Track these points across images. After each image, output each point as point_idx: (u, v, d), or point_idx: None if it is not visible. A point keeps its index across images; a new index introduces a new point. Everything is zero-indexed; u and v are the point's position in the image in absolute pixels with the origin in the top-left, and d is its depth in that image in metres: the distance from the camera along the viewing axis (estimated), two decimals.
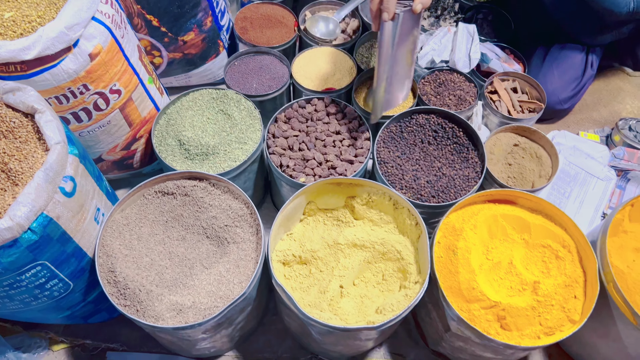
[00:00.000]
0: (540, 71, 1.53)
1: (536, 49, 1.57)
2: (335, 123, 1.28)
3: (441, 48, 1.44)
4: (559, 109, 1.54)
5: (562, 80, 1.51)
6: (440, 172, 1.22)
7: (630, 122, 1.51)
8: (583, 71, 1.53)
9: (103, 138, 1.16)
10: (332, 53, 1.45)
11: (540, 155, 1.32)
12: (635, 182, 1.40)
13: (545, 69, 1.52)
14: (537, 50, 1.56)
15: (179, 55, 1.43)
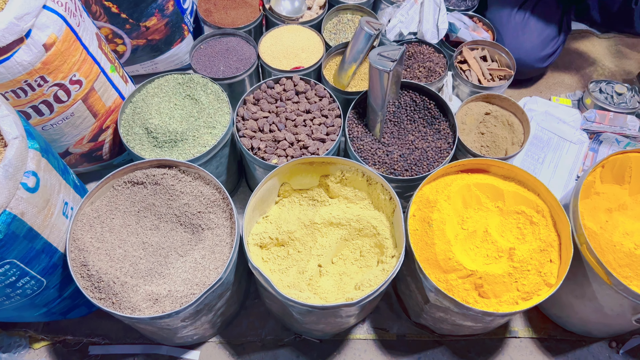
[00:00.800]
0: (518, 30, 1.51)
1: (510, 10, 1.54)
2: (305, 102, 1.26)
3: (408, 20, 1.43)
4: (538, 67, 1.53)
5: (540, 38, 1.49)
6: (413, 146, 1.22)
7: (601, 84, 1.52)
8: (559, 30, 1.52)
9: (68, 131, 1.13)
10: (299, 31, 1.43)
11: (512, 122, 1.32)
12: (607, 144, 1.41)
13: (522, 28, 1.50)
14: (512, 11, 1.54)
15: (143, 41, 1.39)
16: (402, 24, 1.43)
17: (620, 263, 1.01)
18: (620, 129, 1.42)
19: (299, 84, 1.28)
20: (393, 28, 1.43)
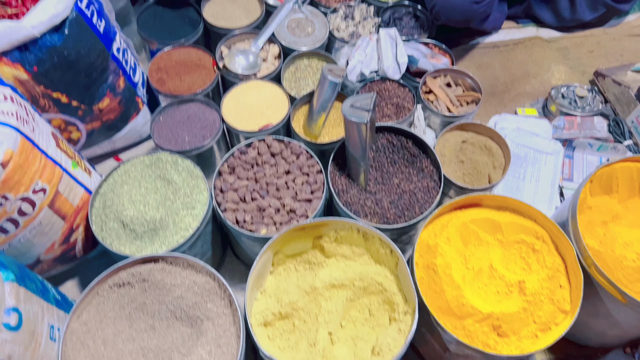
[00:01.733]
0: None
1: None
2: (283, 162, 1.21)
3: (368, 59, 1.41)
4: (475, 9, 1.47)
5: None
6: (400, 189, 1.19)
7: (562, 89, 1.54)
8: None
9: (37, 241, 1.04)
10: (259, 86, 1.39)
11: (490, 146, 1.31)
12: (581, 148, 1.43)
13: None
14: None
15: (98, 124, 1.32)
16: (361, 63, 1.41)
17: (630, 279, 1.01)
18: (590, 132, 1.44)
19: (273, 145, 1.23)
20: (354, 69, 1.41)
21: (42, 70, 1.08)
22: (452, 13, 1.45)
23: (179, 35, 1.47)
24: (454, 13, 1.45)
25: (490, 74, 1.66)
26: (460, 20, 1.48)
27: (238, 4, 1.55)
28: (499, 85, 1.63)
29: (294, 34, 1.50)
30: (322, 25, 1.52)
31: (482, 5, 1.43)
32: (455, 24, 1.53)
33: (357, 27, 1.54)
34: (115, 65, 1.27)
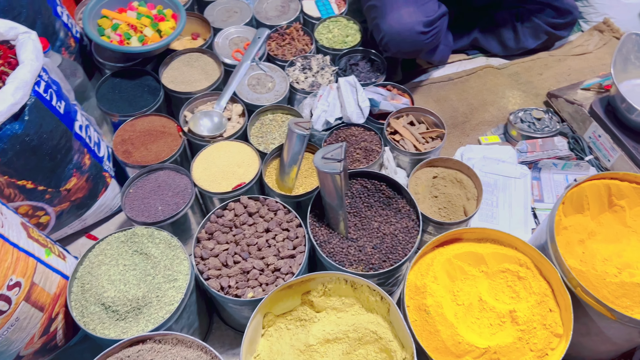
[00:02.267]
0: (392, 10, 1.50)
1: None
2: (262, 221, 1.21)
3: (331, 107, 1.43)
4: (422, 40, 1.51)
5: (416, 6, 1.49)
6: (381, 233, 1.19)
7: (519, 114, 1.60)
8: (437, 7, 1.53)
9: (16, 337, 1.00)
10: (227, 146, 1.39)
11: (460, 178, 1.34)
12: (546, 169, 1.47)
13: (397, 5, 1.50)
14: None
15: (67, 204, 1.29)
16: (325, 112, 1.43)
17: (616, 295, 1.03)
18: (552, 152, 1.48)
19: (249, 204, 1.22)
20: (318, 118, 1.43)
21: (4, 161, 1.06)
22: (400, 44, 1.50)
23: (139, 105, 1.47)
24: (403, 44, 1.50)
25: (449, 106, 1.70)
26: (409, 51, 1.53)
27: (196, 67, 1.56)
28: (459, 116, 1.68)
29: (255, 91, 1.52)
30: (281, 79, 1.55)
31: (429, 36, 1.49)
32: (404, 55, 1.58)
33: (315, 77, 1.57)
34: (79, 143, 1.25)
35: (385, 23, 1.48)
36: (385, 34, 1.49)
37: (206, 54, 1.59)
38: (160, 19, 1.53)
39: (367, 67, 1.62)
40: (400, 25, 1.46)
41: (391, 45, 1.51)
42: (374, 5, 1.55)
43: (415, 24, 1.46)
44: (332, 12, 1.74)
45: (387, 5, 1.49)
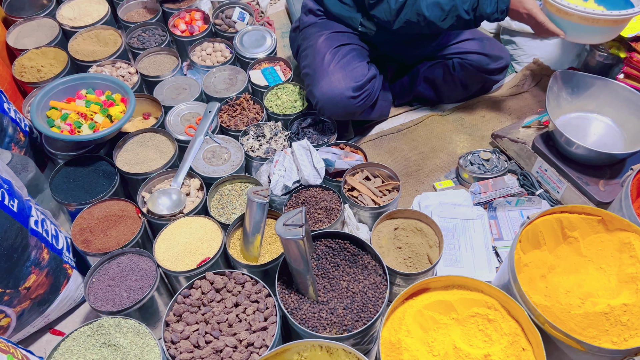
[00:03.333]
0: (328, 70, 1.55)
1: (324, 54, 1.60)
2: (229, 295, 1.20)
3: (288, 172, 1.46)
4: (353, 104, 1.55)
5: (345, 73, 1.55)
6: (350, 292, 1.20)
7: (468, 156, 1.66)
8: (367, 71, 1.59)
9: None
10: (188, 222, 1.39)
11: (420, 227, 1.37)
12: (501, 207, 1.53)
13: (333, 68, 1.56)
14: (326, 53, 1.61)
15: (27, 303, 1.25)
16: (283, 177, 1.45)
17: (582, 326, 1.06)
18: (504, 191, 1.54)
19: (215, 280, 1.22)
20: (277, 184, 1.45)
21: None
22: (333, 109, 1.56)
23: (96, 191, 1.46)
24: (335, 109, 1.56)
25: (402, 156, 1.76)
26: (342, 114, 1.60)
27: (150, 147, 1.58)
28: (412, 165, 1.73)
29: (212, 164, 1.54)
30: (236, 149, 1.57)
31: (359, 100, 1.56)
32: (339, 118, 1.65)
33: (269, 143, 1.61)
34: (36, 239, 1.23)
35: (317, 90, 1.55)
36: (318, 100, 1.55)
37: (159, 132, 1.60)
38: (109, 105, 1.55)
39: (319, 129, 1.67)
40: (331, 92, 1.53)
41: (325, 110, 1.57)
42: (307, 73, 1.62)
43: (344, 90, 1.53)
44: (279, 80, 1.80)
45: (318, 72, 1.56)
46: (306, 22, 1.72)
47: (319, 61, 1.58)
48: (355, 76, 1.54)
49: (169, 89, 1.76)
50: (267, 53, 1.88)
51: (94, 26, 1.87)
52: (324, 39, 1.62)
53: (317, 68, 1.58)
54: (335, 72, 1.54)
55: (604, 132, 1.56)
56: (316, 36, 1.65)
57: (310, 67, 1.61)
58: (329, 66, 1.55)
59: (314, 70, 1.59)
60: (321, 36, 1.63)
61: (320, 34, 1.64)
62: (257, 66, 1.86)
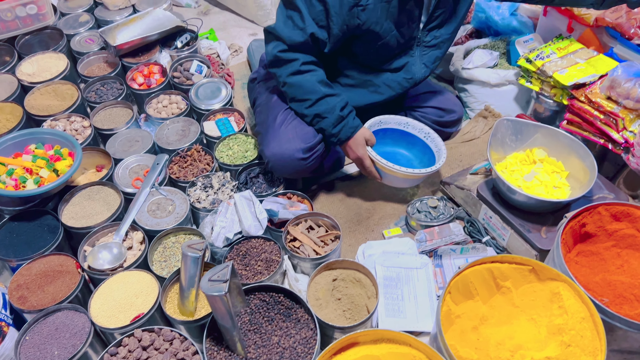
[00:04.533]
0: (279, 130, 1.57)
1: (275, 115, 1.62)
2: (156, 354, 1.18)
3: (229, 223, 1.46)
4: (303, 165, 1.56)
5: (295, 133, 1.55)
6: (281, 347, 1.19)
7: (416, 204, 1.66)
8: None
9: None
10: (126, 277, 1.38)
11: (359, 278, 1.36)
12: (446, 255, 1.52)
13: (285, 128, 1.57)
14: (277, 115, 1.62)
15: None
16: (224, 229, 1.46)
17: None
18: (449, 239, 1.54)
19: (143, 338, 1.20)
20: (218, 235, 1.45)
21: None
22: (283, 169, 1.57)
23: (39, 246, 1.46)
24: (285, 169, 1.57)
25: (353, 203, 1.77)
26: (292, 173, 1.61)
27: (97, 200, 1.58)
28: (363, 212, 1.74)
29: (155, 216, 1.54)
30: (182, 201, 1.58)
31: (309, 161, 1.57)
32: (290, 177, 1.65)
33: (217, 194, 1.62)
34: None
35: (268, 150, 1.56)
36: (269, 160, 1.56)
37: (107, 185, 1.62)
38: (56, 159, 1.57)
39: (268, 179, 1.68)
40: (281, 153, 1.54)
41: (275, 170, 1.58)
42: (259, 131, 1.65)
43: (294, 152, 1.53)
44: (232, 130, 1.83)
45: (270, 133, 1.58)
46: (263, 75, 1.75)
47: (270, 121, 1.61)
48: (306, 137, 1.55)
49: (122, 142, 1.78)
50: (223, 104, 1.92)
51: (52, 81, 1.91)
52: (277, 97, 1.65)
53: (268, 128, 1.60)
54: (286, 132, 1.56)
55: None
56: (270, 92, 1.68)
57: (262, 125, 1.64)
58: (280, 127, 1.57)
59: (265, 129, 1.61)
60: (275, 93, 1.66)
61: (274, 90, 1.67)
62: (211, 117, 1.89)
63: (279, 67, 1.51)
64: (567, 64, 1.72)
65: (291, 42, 1.46)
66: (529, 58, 1.79)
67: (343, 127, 1.52)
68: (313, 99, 1.49)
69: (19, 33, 2.07)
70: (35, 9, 2.03)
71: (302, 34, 1.44)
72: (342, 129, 1.52)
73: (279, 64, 1.50)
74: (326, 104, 1.49)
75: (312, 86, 1.49)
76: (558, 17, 1.90)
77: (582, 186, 1.46)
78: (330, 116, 1.50)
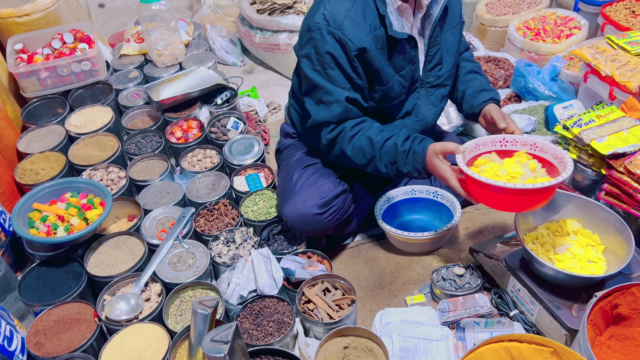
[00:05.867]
0: (295, 188, 1.57)
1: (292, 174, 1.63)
2: None
3: (245, 281, 1.45)
4: (320, 220, 1.54)
5: (311, 190, 1.55)
6: None
7: (441, 271, 1.60)
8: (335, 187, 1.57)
9: None
10: (138, 330, 1.38)
11: (372, 347, 1.31)
12: (470, 328, 1.44)
13: (294, 190, 1.57)
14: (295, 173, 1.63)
15: None
16: (239, 286, 1.45)
17: None
18: (474, 310, 1.46)
19: None
20: (233, 293, 1.44)
21: None
22: (302, 226, 1.56)
23: (62, 292, 1.50)
24: (304, 226, 1.56)
25: (377, 266, 1.72)
26: (312, 230, 1.59)
27: (124, 250, 1.62)
28: (387, 276, 1.68)
29: (175, 269, 1.55)
30: (202, 255, 1.59)
31: (327, 216, 1.55)
32: (310, 234, 1.64)
33: (238, 249, 1.62)
34: None
35: (285, 209, 1.57)
36: (287, 219, 1.57)
37: (133, 235, 1.65)
38: (87, 208, 1.63)
39: (290, 236, 1.67)
40: (296, 211, 1.54)
41: (295, 228, 1.59)
42: (278, 194, 1.67)
43: (310, 208, 1.53)
44: (260, 186, 1.85)
45: (286, 192, 1.60)
46: (284, 144, 1.79)
47: (287, 181, 1.62)
48: (321, 193, 1.55)
49: (154, 193, 1.84)
50: (254, 160, 1.95)
51: (96, 132, 2.02)
52: (295, 160, 1.68)
53: (285, 188, 1.62)
54: (302, 190, 1.57)
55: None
56: (290, 157, 1.71)
57: (280, 187, 1.67)
58: (296, 185, 1.59)
59: (282, 190, 1.63)
60: (293, 157, 1.69)
61: (293, 154, 1.71)
62: (242, 172, 1.92)
63: (335, 145, 1.51)
64: (606, 132, 1.65)
65: (336, 118, 1.48)
66: (566, 125, 1.73)
67: (412, 159, 1.44)
68: (377, 154, 1.47)
69: (73, 87, 2.21)
70: (89, 65, 2.17)
71: (337, 104, 1.46)
72: (412, 162, 1.44)
73: (335, 143, 1.51)
74: (387, 150, 1.46)
75: (368, 143, 1.47)
76: (600, 83, 1.85)
77: (619, 261, 1.36)
78: (398, 159, 1.45)
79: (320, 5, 1.45)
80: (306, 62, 1.47)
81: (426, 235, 1.62)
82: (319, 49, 1.44)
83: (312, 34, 1.44)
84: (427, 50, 1.56)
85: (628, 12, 2.20)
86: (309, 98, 1.51)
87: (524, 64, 2.14)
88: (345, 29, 1.41)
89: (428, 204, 1.81)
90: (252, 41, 2.58)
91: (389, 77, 1.51)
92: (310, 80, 1.47)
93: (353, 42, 1.42)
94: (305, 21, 1.50)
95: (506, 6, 2.50)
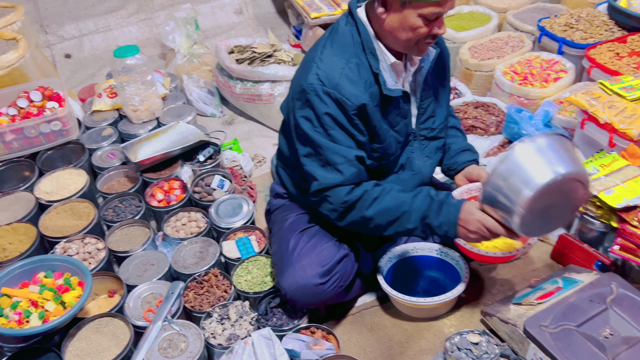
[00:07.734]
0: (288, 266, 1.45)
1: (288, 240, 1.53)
2: None
3: None
4: (322, 290, 1.44)
5: (310, 258, 1.45)
6: None
7: (455, 339, 1.49)
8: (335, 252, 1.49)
9: None
10: None
11: None
12: None
13: (292, 259, 1.46)
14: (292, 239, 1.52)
15: None
16: None
17: None
18: None
19: None
20: None
21: None
22: (303, 298, 1.45)
23: None
24: (305, 298, 1.45)
25: (384, 335, 1.60)
26: (314, 303, 1.48)
27: (106, 334, 1.46)
28: (395, 345, 1.57)
29: (167, 355, 1.40)
30: (196, 337, 1.44)
31: (329, 284, 1.44)
32: (312, 306, 1.52)
33: (234, 327, 1.48)
34: None
35: (283, 281, 1.45)
36: (286, 292, 1.45)
37: (117, 317, 1.50)
38: (64, 290, 1.47)
39: (289, 309, 1.54)
40: (297, 282, 1.43)
41: (296, 301, 1.46)
42: (274, 263, 1.55)
43: (311, 278, 1.42)
44: (252, 252, 1.72)
45: (284, 261, 1.48)
46: (275, 205, 1.68)
47: (284, 249, 1.51)
48: (321, 260, 1.44)
49: (137, 265, 1.69)
50: (244, 222, 1.82)
51: (69, 199, 1.86)
52: (289, 223, 1.56)
53: (282, 256, 1.50)
54: (300, 258, 1.45)
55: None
56: (283, 220, 1.59)
57: (276, 255, 1.55)
58: (294, 253, 1.47)
59: (279, 259, 1.51)
60: (287, 219, 1.58)
61: (286, 217, 1.59)
62: (231, 236, 1.79)
63: (353, 209, 1.38)
64: (613, 183, 1.60)
65: (349, 181, 1.37)
66: None
67: (446, 211, 1.34)
68: (408, 208, 1.36)
69: (42, 149, 2.05)
70: (60, 125, 2.03)
71: (348, 164, 1.36)
72: (447, 214, 1.34)
73: (354, 207, 1.38)
74: (421, 203, 1.36)
75: (395, 201, 1.37)
76: (598, 130, 1.81)
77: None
78: (431, 211, 1.35)
79: (311, 65, 1.37)
80: (307, 124, 1.37)
81: (436, 300, 1.52)
82: (317, 110, 1.35)
83: (307, 96, 1.35)
84: (419, 103, 1.51)
85: (612, 54, 2.20)
86: (312, 161, 1.40)
87: (515, 109, 2.10)
88: (342, 87, 1.34)
89: (431, 262, 1.71)
90: (232, 92, 2.48)
91: (386, 134, 1.44)
92: (313, 142, 1.37)
93: (351, 101, 1.34)
94: (296, 82, 1.41)
95: (490, 50, 2.47)
